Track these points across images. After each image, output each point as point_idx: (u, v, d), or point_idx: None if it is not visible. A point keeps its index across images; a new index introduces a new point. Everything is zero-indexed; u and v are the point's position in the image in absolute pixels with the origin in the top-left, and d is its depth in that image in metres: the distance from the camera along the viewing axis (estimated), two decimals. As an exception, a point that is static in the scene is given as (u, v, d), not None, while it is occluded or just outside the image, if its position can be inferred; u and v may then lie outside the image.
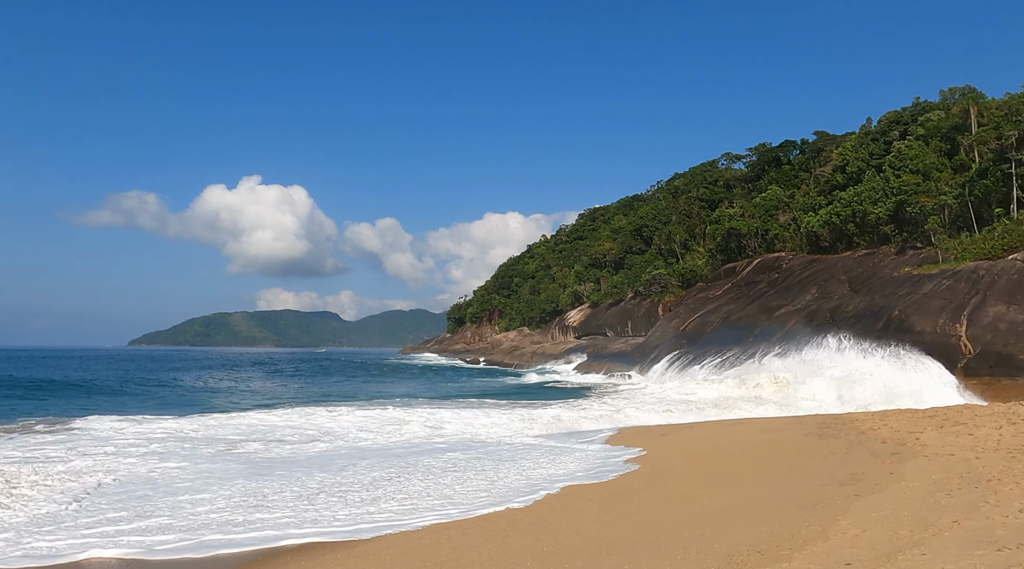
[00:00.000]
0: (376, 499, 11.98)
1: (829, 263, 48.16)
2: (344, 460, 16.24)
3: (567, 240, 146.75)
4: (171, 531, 10.04)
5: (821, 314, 40.78)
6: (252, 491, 12.64)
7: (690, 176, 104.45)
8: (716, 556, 7.57)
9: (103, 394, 39.44)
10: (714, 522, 9.15)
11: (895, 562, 6.71)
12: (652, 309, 77.98)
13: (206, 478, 13.85)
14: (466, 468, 14.83)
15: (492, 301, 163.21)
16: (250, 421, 23.25)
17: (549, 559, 7.77)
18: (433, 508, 11.12)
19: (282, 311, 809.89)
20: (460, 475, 14.08)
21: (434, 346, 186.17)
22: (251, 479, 13.72)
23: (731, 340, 45.72)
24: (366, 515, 10.83)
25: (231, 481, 13.54)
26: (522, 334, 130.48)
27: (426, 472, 14.42)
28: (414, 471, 14.56)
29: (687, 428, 20.31)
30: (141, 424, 21.96)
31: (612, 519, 9.67)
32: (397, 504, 11.58)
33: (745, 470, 13.04)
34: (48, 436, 19.38)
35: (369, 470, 14.71)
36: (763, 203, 61.29)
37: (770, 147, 75.49)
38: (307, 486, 13.08)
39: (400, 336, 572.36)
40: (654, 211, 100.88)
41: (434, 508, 11.11)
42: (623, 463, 14.80)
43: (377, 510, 11.15)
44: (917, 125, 53.24)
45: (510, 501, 11.25)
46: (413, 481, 13.49)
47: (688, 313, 57.57)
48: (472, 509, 10.83)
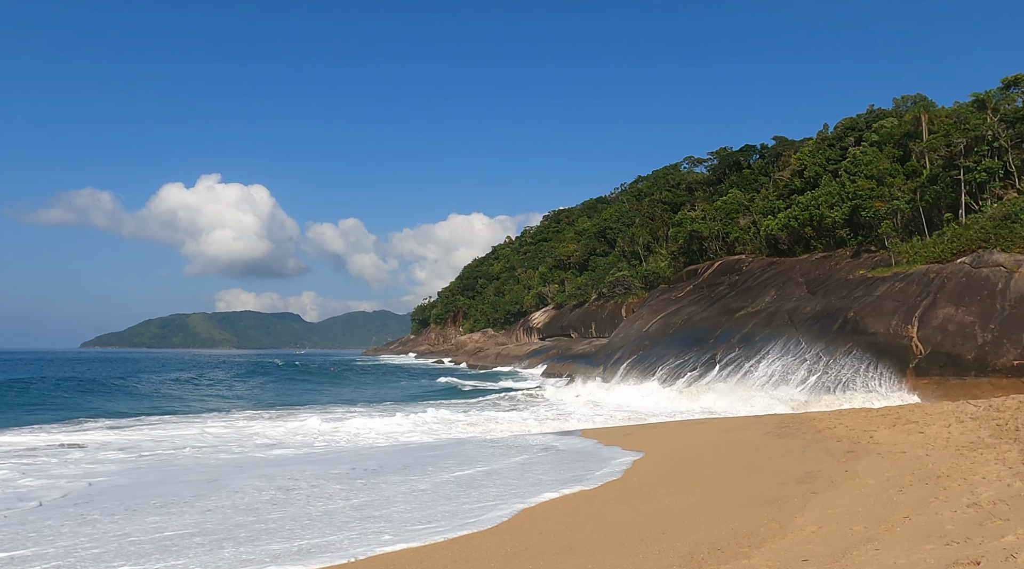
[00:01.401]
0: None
1: (787, 266, 49.15)
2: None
3: (532, 242, 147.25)
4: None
5: (780, 316, 41.60)
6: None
7: (653, 179, 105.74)
8: (677, 554, 7.68)
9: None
10: (675, 521, 9.28)
11: (850, 557, 6.89)
12: (616, 311, 78.62)
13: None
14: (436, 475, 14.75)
15: (457, 302, 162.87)
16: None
17: (513, 560, 7.80)
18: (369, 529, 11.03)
19: (242, 312, 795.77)
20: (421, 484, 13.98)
21: (398, 347, 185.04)
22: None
23: (692, 342, 46.34)
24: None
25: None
26: (487, 335, 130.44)
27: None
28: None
29: (650, 428, 20.54)
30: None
31: (576, 519, 9.74)
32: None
33: (706, 469, 13.24)
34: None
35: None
36: (724, 206, 62.33)
37: (731, 151, 76.86)
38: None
39: (363, 338, 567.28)
40: (618, 213, 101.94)
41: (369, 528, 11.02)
42: (587, 463, 14.90)
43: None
44: (871, 131, 54.73)
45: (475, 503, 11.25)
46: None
47: (651, 314, 58.17)
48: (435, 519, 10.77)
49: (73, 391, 42.54)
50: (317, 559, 8.35)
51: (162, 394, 43.58)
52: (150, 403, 37.24)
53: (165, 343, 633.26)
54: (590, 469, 14.22)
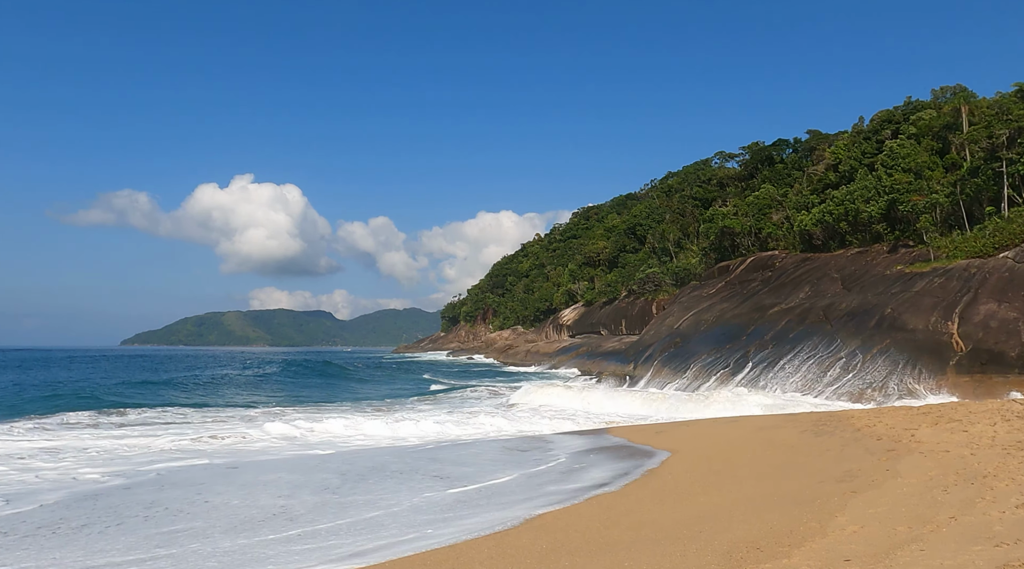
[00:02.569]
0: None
1: (822, 261, 48.34)
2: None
3: (561, 239, 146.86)
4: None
5: (814, 312, 40.92)
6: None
7: (683, 175, 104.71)
8: (716, 553, 7.59)
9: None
10: (712, 519, 9.17)
11: (894, 558, 6.74)
12: (646, 308, 78.10)
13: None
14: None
15: (486, 300, 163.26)
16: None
17: (548, 557, 7.77)
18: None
19: (276, 310, 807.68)
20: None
21: (428, 345, 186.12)
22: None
23: (724, 339, 45.83)
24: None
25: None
26: (516, 333, 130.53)
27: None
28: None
29: (682, 426, 20.36)
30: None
31: (610, 517, 9.68)
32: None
33: (741, 468, 13.07)
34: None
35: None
36: (756, 202, 61.49)
37: (763, 146, 75.78)
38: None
39: (394, 335, 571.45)
40: (648, 210, 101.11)
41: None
42: (620, 461, 14.82)
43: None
44: (909, 124, 53.49)
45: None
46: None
47: (682, 312, 57.66)
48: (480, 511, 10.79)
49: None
50: (361, 558, 8.42)
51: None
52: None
53: (201, 341, 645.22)
54: (622, 467, 14.14)
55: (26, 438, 21.04)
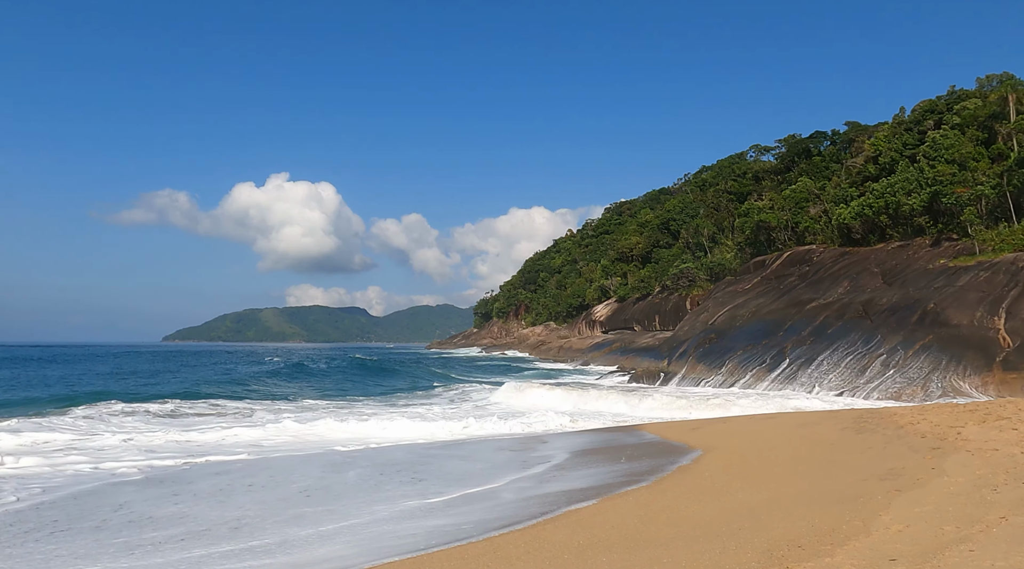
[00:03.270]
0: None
1: (861, 256, 47.35)
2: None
3: (593, 234, 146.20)
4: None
5: (853, 307, 40.11)
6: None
7: (718, 169, 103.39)
8: (755, 550, 7.48)
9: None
10: (751, 517, 9.04)
11: (942, 558, 6.56)
12: (680, 303, 77.39)
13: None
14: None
15: (518, 296, 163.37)
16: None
17: (586, 552, 7.74)
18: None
19: (311, 307, 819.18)
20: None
21: (461, 341, 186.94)
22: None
23: (760, 335, 45.17)
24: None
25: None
26: (549, 329, 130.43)
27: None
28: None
29: (719, 422, 20.12)
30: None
31: (647, 513, 9.60)
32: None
33: (780, 465, 12.87)
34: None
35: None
36: (793, 195, 60.46)
37: (800, 138, 74.44)
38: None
39: (427, 331, 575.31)
40: (681, 204, 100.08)
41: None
42: (655, 457, 14.70)
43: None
44: (952, 114, 52.05)
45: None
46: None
47: (717, 307, 56.98)
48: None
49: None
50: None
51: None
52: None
53: (239, 337, 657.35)
54: (658, 463, 14.03)
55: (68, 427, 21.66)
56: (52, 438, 19.60)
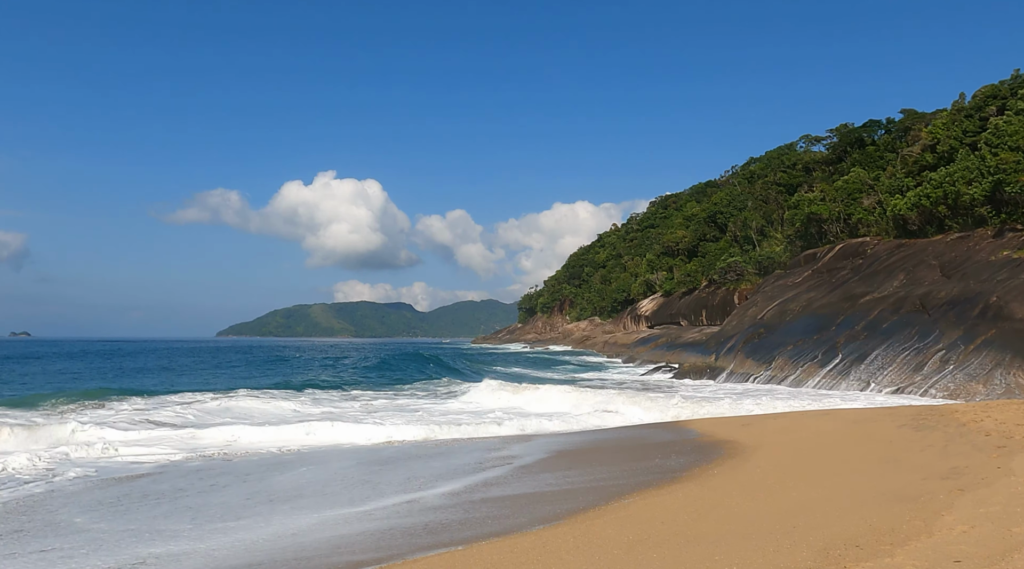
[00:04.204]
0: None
1: (918, 248, 45.82)
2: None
3: (638, 228, 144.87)
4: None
5: (910, 301, 38.85)
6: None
7: (766, 160, 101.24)
8: (811, 549, 7.29)
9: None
10: (806, 515, 8.82)
11: (1010, 561, 6.29)
12: (727, 298, 76.17)
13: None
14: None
15: (563, 291, 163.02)
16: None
17: (636, 548, 7.65)
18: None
19: (358, 303, 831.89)
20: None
21: (506, 336, 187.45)
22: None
23: (812, 329, 44.15)
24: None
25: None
26: (593, 324, 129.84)
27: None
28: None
29: (770, 419, 19.72)
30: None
31: (697, 510, 9.46)
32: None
33: (835, 462, 12.53)
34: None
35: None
36: (845, 186, 58.84)
37: (853, 127, 72.35)
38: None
39: (472, 326, 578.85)
40: (729, 197, 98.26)
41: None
42: (704, 454, 14.48)
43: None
44: (1017, 99, 49.85)
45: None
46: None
47: (766, 301, 55.91)
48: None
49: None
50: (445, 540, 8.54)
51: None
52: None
53: (289, 332, 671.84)
54: (708, 460, 13.81)
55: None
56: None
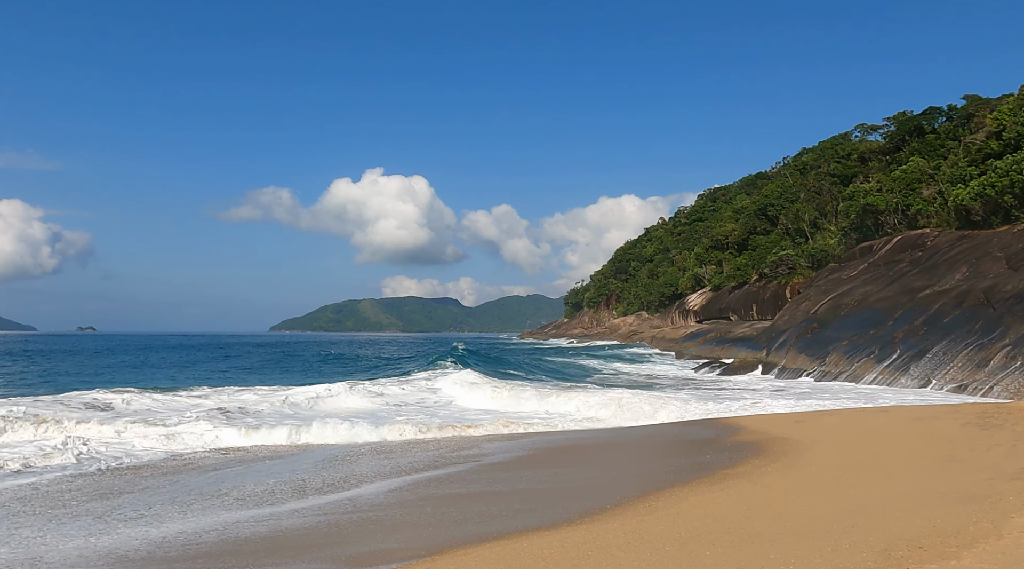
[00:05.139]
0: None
1: (982, 239, 44.04)
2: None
3: (686, 222, 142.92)
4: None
5: (973, 295, 37.38)
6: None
7: (820, 150, 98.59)
8: (872, 550, 7.07)
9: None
10: (865, 514, 8.56)
11: (1088, 566, 5.99)
12: (779, 292, 74.61)
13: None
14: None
15: (609, 286, 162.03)
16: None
17: (689, 545, 7.54)
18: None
19: (406, 298, 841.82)
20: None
21: (552, 331, 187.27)
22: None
23: (867, 324, 42.89)
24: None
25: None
26: (641, 318, 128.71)
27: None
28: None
29: (824, 415, 19.22)
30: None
31: (750, 508, 9.27)
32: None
33: (895, 461, 12.14)
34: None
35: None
36: (904, 176, 56.91)
37: (911, 115, 69.90)
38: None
39: (518, 321, 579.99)
40: (780, 189, 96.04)
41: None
42: (756, 451, 14.19)
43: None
44: (1089, 82, 47.44)
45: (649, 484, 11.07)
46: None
47: (819, 295, 54.54)
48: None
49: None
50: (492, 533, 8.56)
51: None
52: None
53: (339, 327, 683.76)
54: (760, 457, 13.53)
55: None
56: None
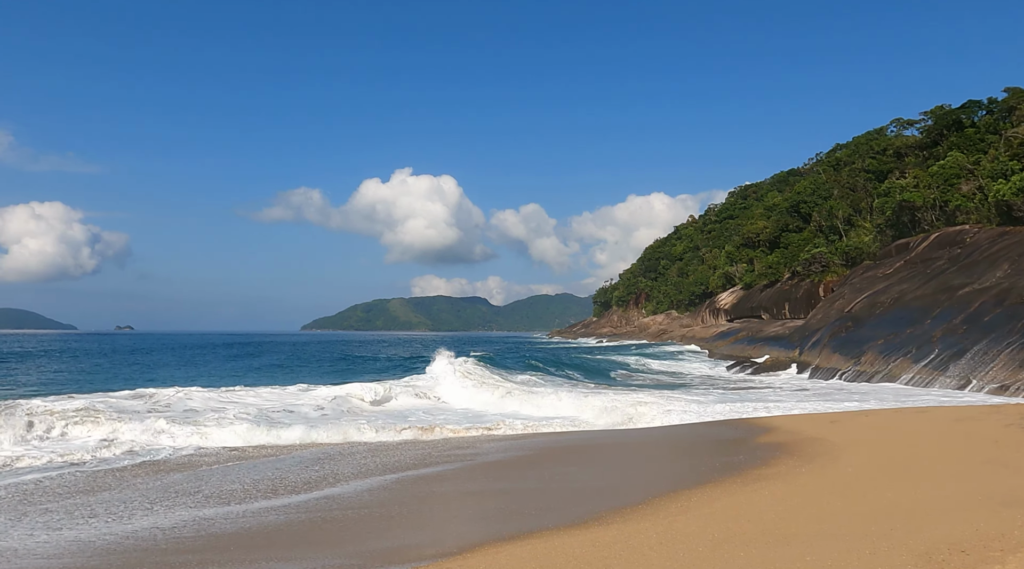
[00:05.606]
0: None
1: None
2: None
3: (716, 220, 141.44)
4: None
5: (1015, 292, 36.41)
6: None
7: (854, 146, 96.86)
8: (912, 553, 6.89)
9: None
10: (904, 517, 8.36)
11: None
12: (812, 290, 73.48)
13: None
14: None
15: (639, 284, 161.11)
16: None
17: (722, 546, 7.43)
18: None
19: (435, 297, 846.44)
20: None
21: (581, 330, 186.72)
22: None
23: (904, 323, 42.00)
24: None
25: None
26: (670, 317, 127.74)
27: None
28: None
29: (860, 415, 18.85)
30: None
31: (785, 509, 9.11)
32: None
33: (934, 462, 11.85)
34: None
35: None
36: (941, 172, 55.63)
37: (949, 109, 68.25)
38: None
39: (547, 320, 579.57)
40: (813, 186, 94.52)
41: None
42: (789, 451, 13.95)
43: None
44: None
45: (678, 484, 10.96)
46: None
47: (853, 294, 53.59)
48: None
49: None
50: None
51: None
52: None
53: (369, 326, 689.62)
54: (794, 458, 13.31)
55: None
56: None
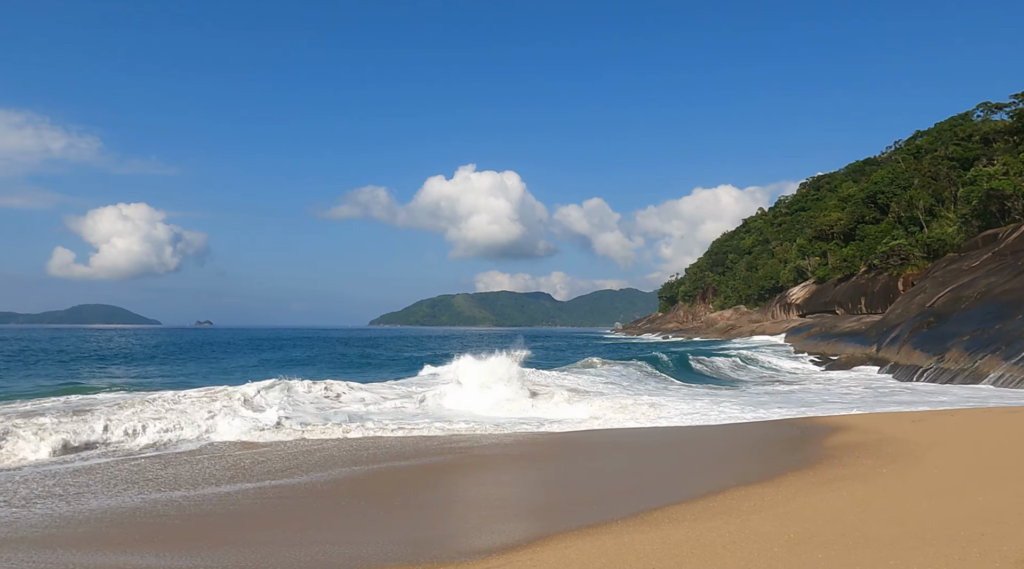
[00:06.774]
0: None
1: None
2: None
3: (787, 212, 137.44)
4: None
5: (1117, 286, 34.07)
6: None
7: (936, 133, 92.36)
8: (1005, 560, 6.54)
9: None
10: (995, 522, 7.94)
11: None
12: (890, 284, 70.52)
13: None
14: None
15: (705, 279, 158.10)
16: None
17: (799, 546, 7.22)
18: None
19: (499, 292, 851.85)
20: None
21: (646, 325, 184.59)
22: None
23: (992, 318, 39.83)
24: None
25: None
26: (739, 312, 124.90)
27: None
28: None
29: (945, 415, 18.01)
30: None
31: (866, 510, 8.79)
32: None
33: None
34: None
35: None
36: (1034, 158, 52.43)
37: (1043, 91, 64.24)
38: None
39: (611, 315, 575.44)
40: (891, 175, 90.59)
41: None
42: (869, 451, 13.44)
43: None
44: None
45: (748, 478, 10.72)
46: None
47: (935, 287, 51.14)
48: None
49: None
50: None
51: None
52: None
53: (435, 321, 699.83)
54: (874, 458, 12.81)
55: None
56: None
